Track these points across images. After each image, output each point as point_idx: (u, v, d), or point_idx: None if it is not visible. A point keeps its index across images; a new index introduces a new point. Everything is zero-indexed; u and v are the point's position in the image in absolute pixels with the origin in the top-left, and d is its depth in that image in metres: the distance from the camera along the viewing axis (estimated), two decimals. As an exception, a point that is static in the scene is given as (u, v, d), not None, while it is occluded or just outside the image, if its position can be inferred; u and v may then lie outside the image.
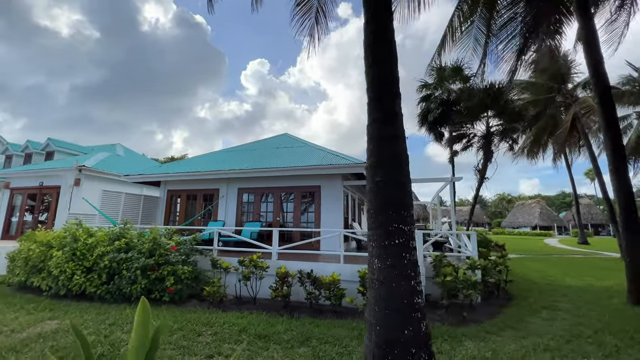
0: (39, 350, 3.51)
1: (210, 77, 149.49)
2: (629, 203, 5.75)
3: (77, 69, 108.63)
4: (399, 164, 2.37)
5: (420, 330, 2.12)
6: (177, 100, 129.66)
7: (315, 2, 7.55)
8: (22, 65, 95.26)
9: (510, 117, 12.14)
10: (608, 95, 5.98)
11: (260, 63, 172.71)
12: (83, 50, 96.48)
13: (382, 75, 2.55)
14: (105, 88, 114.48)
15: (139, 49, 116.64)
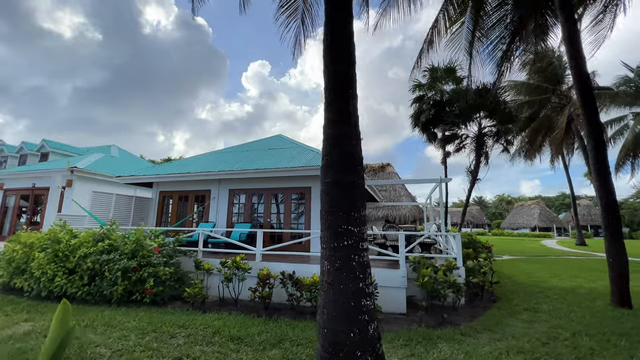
0: (6, 352, 3.50)
1: (212, 79, 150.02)
2: (610, 205, 5.71)
3: (80, 71, 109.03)
4: (350, 164, 2.35)
5: (367, 333, 2.10)
6: (178, 101, 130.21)
7: (300, 4, 7.57)
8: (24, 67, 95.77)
9: (502, 118, 12.10)
10: (590, 96, 5.95)
11: (261, 65, 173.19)
12: (85, 53, 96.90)
13: (337, 76, 2.54)
14: (107, 90, 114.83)
15: (141, 51, 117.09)
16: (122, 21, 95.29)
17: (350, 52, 2.62)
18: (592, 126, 5.82)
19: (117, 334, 4.18)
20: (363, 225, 2.28)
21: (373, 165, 26.87)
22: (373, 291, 2.27)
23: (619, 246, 5.70)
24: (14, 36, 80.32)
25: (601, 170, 5.79)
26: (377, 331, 2.18)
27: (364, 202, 2.36)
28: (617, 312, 5.48)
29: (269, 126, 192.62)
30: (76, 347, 3.65)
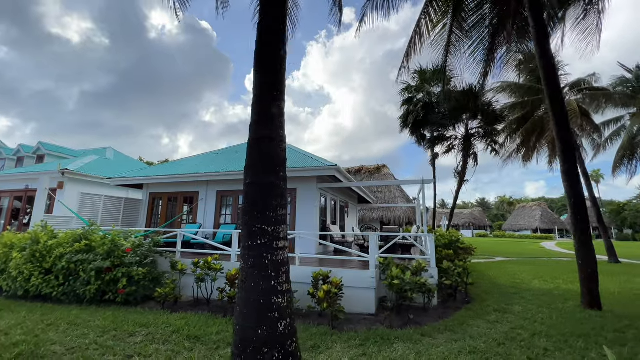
0: (-38, 348, 3.60)
1: (216, 82, 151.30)
2: (578, 205, 5.69)
3: (87, 75, 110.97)
4: (269, 165, 2.41)
5: (276, 331, 2.15)
6: (183, 105, 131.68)
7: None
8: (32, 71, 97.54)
9: (488, 119, 12.03)
10: (558, 95, 5.96)
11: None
12: (92, 57, 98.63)
13: (263, 79, 2.60)
14: (113, 94, 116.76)
15: (147, 55, 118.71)
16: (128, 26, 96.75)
17: (277, 54, 2.69)
18: (560, 126, 5.81)
19: (77, 332, 4.27)
20: (279, 225, 2.34)
21: (369, 167, 26.91)
22: (288, 289, 2.32)
23: (588, 248, 5.68)
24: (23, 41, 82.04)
25: (570, 171, 5.77)
26: (290, 329, 2.23)
27: (283, 201, 2.42)
28: (585, 313, 5.46)
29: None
30: (32, 345, 3.74)
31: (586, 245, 5.67)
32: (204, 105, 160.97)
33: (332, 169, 9.51)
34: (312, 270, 6.16)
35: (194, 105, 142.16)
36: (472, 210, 68.51)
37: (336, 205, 13.65)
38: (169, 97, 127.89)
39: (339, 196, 14.04)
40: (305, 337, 4.41)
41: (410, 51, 8.42)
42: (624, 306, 5.94)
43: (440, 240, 9.55)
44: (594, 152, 20.65)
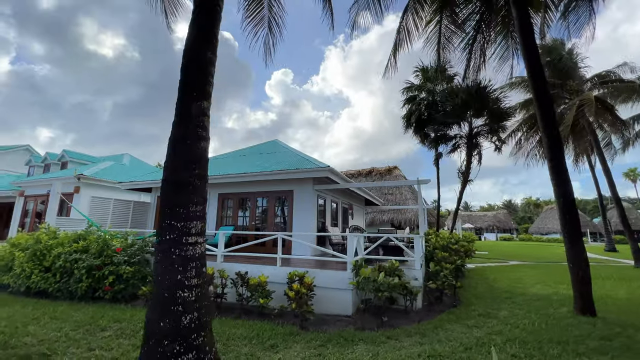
0: (-53, 337, 3.94)
1: (238, 90, 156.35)
2: (568, 204, 5.31)
3: (119, 87, 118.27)
4: (182, 163, 2.47)
5: (179, 324, 2.19)
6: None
7: (266, 14, 7.80)
8: (72, 86, 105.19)
9: (493, 115, 11.47)
10: (542, 87, 5.63)
11: (284, 73, 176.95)
12: (124, 71, 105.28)
13: (185, 79, 2.68)
14: (142, 104, 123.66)
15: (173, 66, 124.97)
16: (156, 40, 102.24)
17: (200, 59, 2.76)
18: (546, 120, 5.48)
19: (55, 326, 4.54)
20: (190, 221, 2.39)
21: (379, 169, 26.55)
22: (199, 283, 2.36)
23: (578, 249, 5.29)
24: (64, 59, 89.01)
25: (557, 168, 5.42)
26: (197, 322, 2.26)
27: (197, 198, 2.47)
28: (575, 319, 5.08)
29: (292, 133, 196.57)
30: (7, 336, 4.02)
31: (577, 246, 5.30)
32: (227, 112, 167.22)
33: (325, 170, 9.50)
34: (290, 270, 6.17)
35: (217, 112, 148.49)
36: (496, 212, 65.63)
37: (337, 207, 13.57)
38: None
39: (341, 198, 13.95)
40: (268, 337, 4.44)
41: (398, 47, 8.30)
42: (623, 313, 5.47)
43: (438, 242, 9.26)
44: (621, 147, 19.25)
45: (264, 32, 8.04)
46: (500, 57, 8.54)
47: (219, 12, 3.00)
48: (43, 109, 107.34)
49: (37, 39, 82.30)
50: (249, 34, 7.94)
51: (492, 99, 11.35)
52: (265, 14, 7.88)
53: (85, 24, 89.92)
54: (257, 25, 7.87)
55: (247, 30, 7.91)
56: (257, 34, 7.96)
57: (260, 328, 4.77)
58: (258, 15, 7.85)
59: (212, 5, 2.95)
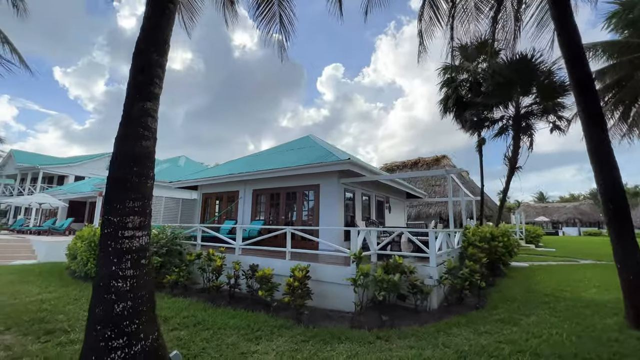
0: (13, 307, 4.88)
1: (291, 89, 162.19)
2: (614, 192, 4.28)
3: (188, 97, 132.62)
4: (123, 161, 2.60)
5: (111, 312, 2.34)
6: (264, 113, 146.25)
7: (277, 9, 7.90)
8: None
9: (546, 92, 9.65)
10: (577, 47, 4.60)
11: (334, 67, 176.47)
12: (192, 82, 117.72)
13: (132, 81, 2.82)
14: (208, 110, 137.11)
15: (233, 73, 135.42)
16: (217, 51, 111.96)
17: (145, 61, 2.88)
18: (581, 89, 4.48)
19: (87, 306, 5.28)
20: (127, 216, 2.52)
21: (426, 159, 24.97)
22: (135, 274, 2.49)
23: (629, 246, 4.25)
24: None
25: (599, 148, 4.40)
26: (130, 311, 2.40)
27: (135, 195, 2.59)
28: (622, 333, 4.12)
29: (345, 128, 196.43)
30: (47, 313, 4.82)
31: (628, 243, 4.27)
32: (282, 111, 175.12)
33: (346, 162, 9.27)
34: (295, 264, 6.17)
35: (273, 112, 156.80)
36: (578, 203, 56.86)
37: (370, 200, 13.15)
38: (251, 107, 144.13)
39: (375, 191, 13.48)
40: (258, 328, 4.54)
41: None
42: None
43: (471, 238, 8.39)
44: None
45: (276, 29, 8.12)
46: (539, 23, 7.30)
47: (169, 13, 3.11)
48: None
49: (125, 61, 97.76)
50: (262, 31, 8.11)
51: (542, 72, 9.62)
52: (275, 10, 7.95)
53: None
54: (270, 22, 8.00)
55: (260, 29, 8.09)
56: (270, 31, 8.09)
57: (255, 319, 4.90)
58: (269, 13, 7.96)
59: (162, 6, 3.08)
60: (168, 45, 3.13)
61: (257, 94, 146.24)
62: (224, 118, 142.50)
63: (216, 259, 6.71)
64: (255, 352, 3.74)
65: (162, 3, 3.10)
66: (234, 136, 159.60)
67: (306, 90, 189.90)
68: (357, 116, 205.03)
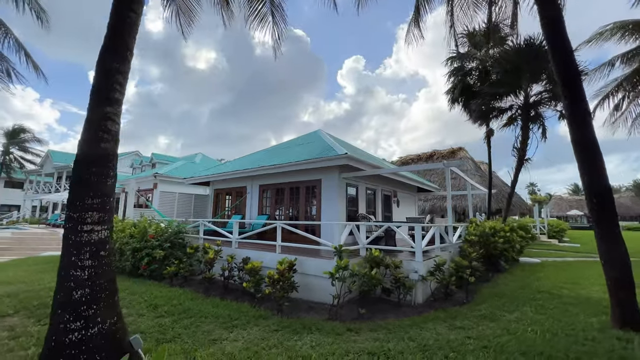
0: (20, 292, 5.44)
1: (312, 84, 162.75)
2: (600, 187, 4.02)
3: (213, 95, 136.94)
4: (83, 163, 2.84)
5: (70, 298, 2.60)
6: (285, 109, 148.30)
7: (269, 8, 8.02)
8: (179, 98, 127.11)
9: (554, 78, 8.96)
10: (556, 22, 4.32)
11: (355, 60, 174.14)
12: (217, 81, 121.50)
13: (94, 85, 3.05)
14: (233, 108, 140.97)
15: (255, 71, 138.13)
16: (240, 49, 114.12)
17: (103, 69, 3.10)
18: (565, 72, 4.22)
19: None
20: (86, 212, 2.76)
21: (442, 151, 24.26)
22: (93, 265, 2.75)
23: (613, 241, 4.02)
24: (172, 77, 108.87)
25: (582, 141, 4.16)
26: (88, 297, 2.65)
27: (93, 192, 2.83)
28: (604, 333, 3.92)
29: (367, 121, 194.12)
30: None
31: (613, 240, 4.03)
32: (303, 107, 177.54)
33: (343, 157, 9.28)
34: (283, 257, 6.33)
35: (294, 108, 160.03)
36: (617, 196, 52.93)
37: (376, 194, 13.07)
38: (273, 104, 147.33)
39: (381, 185, 13.36)
40: (237, 317, 4.77)
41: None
42: None
43: (470, 233, 8.18)
44: None
45: (269, 26, 8.23)
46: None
47: (131, 22, 3.32)
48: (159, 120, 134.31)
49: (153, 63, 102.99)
50: (255, 30, 8.23)
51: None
52: (267, 8, 8.06)
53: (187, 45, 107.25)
54: (262, 20, 8.12)
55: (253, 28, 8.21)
56: (263, 28, 8.21)
57: (238, 309, 5.14)
58: (261, 12, 8.07)
59: (123, 15, 3.29)
60: (130, 53, 3.34)
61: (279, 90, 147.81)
62: (247, 115, 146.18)
63: (209, 252, 7.03)
64: (226, 339, 3.96)
65: (123, 12, 3.32)
66: (257, 133, 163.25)
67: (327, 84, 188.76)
68: (378, 109, 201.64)
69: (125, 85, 3.26)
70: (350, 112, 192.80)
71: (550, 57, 4.51)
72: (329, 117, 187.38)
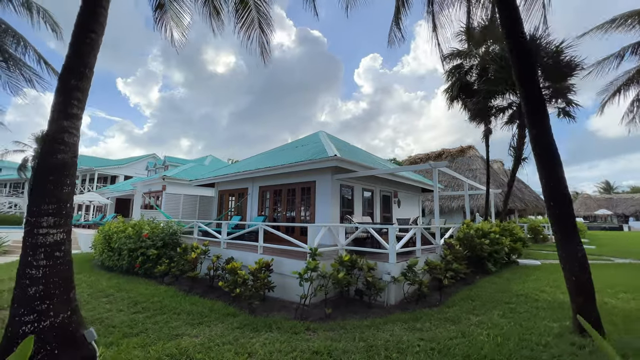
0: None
1: (329, 84, 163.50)
2: (558, 190, 3.92)
3: (232, 98, 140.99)
4: (40, 172, 3.12)
5: (26, 293, 2.88)
6: (302, 109, 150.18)
7: (255, 15, 8.26)
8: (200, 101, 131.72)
9: (554, 74, 8.54)
10: (513, 20, 4.23)
11: (372, 58, 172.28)
12: (236, 84, 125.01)
13: (53, 100, 3.38)
14: (251, 110, 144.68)
15: (273, 73, 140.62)
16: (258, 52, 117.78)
17: (63, 83, 3.41)
18: (523, 69, 4.14)
19: (80, 290, 6.22)
20: (42, 217, 3.06)
21: (451, 150, 23.74)
22: (48, 264, 3.05)
23: (572, 244, 3.91)
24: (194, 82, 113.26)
25: (540, 140, 4.06)
26: (41, 293, 2.95)
27: (48, 199, 3.13)
28: (559, 339, 3.84)
29: (385, 120, 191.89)
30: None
31: (568, 243, 3.93)
32: (320, 107, 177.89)
33: (332, 159, 9.40)
34: (262, 257, 6.52)
35: (311, 108, 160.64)
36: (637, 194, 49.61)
37: (374, 195, 13.05)
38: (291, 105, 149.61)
39: (379, 186, 13.34)
40: (207, 315, 5.02)
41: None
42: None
43: (459, 235, 8.07)
44: None
45: (257, 33, 8.44)
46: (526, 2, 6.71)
47: (91, 42, 3.61)
48: (182, 123, 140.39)
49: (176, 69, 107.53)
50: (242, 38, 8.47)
51: (548, 52, 8.59)
52: (254, 15, 8.28)
53: (207, 51, 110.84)
54: (249, 27, 8.35)
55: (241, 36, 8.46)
56: (250, 37, 8.44)
57: (211, 307, 5.40)
58: (248, 18, 8.30)
59: (84, 35, 3.59)
60: (90, 70, 3.65)
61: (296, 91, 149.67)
62: (265, 117, 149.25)
63: (192, 253, 7.33)
64: (187, 335, 4.21)
65: (84, 33, 3.63)
66: (275, 133, 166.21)
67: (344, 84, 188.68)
68: (396, 107, 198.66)
69: (84, 100, 3.56)
70: (368, 111, 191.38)
71: (506, 46, 4.46)
72: (346, 117, 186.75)
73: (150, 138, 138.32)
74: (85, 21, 3.69)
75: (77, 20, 3.71)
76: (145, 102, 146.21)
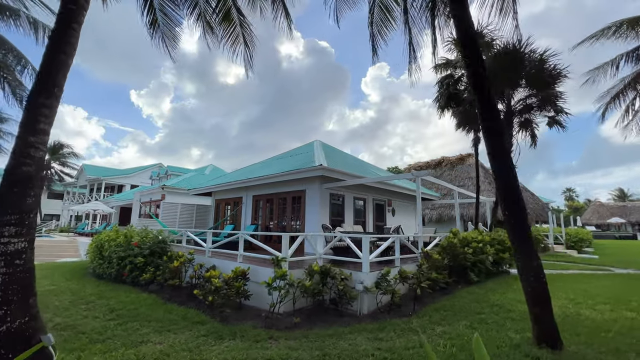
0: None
1: (337, 93, 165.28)
2: (510, 192, 3.94)
3: (242, 108, 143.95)
4: (3, 184, 3.38)
5: None
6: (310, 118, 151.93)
7: (239, 31, 8.56)
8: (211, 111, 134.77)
9: (534, 82, 8.48)
10: (467, 28, 4.33)
11: (379, 67, 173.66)
12: (246, 95, 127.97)
13: (22, 117, 3.62)
14: (261, 120, 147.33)
15: (283, 83, 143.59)
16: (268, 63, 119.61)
17: (30, 104, 3.66)
18: (473, 67, 4.22)
19: (65, 297, 6.42)
20: (3, 227, 3.27)
21: (450, 158, 23.59)
22: (7, 272, 3.23)
23: (530, 259, 3.89)
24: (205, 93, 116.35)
25: (494, 146, 4.10)
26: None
27: (11, 210, 3.34)
28: (515, 350, 3.81)
29: (392, 128, 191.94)
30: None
31: (524, 254, 3.93)
32: (328, 115, 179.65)
33: (318, 169, 9.52)
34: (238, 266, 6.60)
35: (319, 117, 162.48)
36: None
37: (366, 204, 13.06)
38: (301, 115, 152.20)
39: (372, 194, 13.36)
40: (177, 322, 5.13)
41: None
42: (612, 350, 3.74)
43: (443, 244, 8.03)
44: None
45: (242, 49, 8.71)
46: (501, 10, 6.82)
47: (60, 62, 3.87)
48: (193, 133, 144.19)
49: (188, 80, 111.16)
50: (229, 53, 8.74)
51: (531, 60, 8.59)
52: (238, 32, 8.58)
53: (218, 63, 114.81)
54: (234, 43, 8.65)
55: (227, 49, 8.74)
56: (235, 51, 8.72)
57: (184, 315, 5.51)
58: (233, 34, 8.60)
59: (54, 55, 3.86)
60: (59, 89, 3.89)
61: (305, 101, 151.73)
62: (274, 126, 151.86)
63: (175, 262, 7.47)
64: (152, 342, 4.32)
65: (54, 54, 3.89)
66: (283, 143, 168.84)
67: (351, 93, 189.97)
68: (404, 115, 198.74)
69: (52, 117, 3.80)
70: (376, 119, 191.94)
71: (465, 70, 4.55)
72: (354, 125, 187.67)
73: (162, 148, 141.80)
74: (56, 42, 3.95)
75: (49, 42, 3.98)
76: (158, 113, 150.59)
